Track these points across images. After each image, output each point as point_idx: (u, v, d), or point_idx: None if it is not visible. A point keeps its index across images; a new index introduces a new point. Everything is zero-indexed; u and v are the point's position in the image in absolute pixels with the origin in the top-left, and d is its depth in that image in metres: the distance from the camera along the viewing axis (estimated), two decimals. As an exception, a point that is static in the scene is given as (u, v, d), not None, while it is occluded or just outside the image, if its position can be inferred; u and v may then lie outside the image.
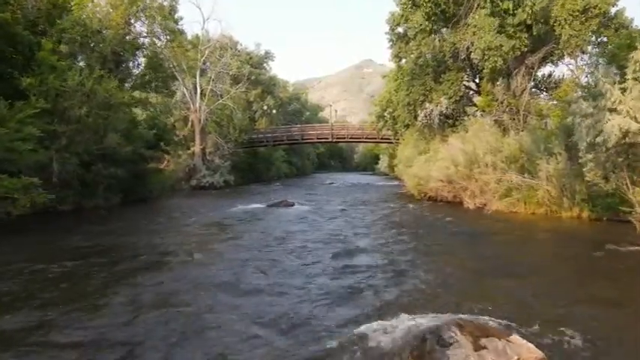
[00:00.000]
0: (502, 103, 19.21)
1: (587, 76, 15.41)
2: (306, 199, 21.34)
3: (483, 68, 22.02)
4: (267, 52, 48.56)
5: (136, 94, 24.79)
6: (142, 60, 20.72)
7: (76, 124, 14.14)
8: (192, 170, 29.53)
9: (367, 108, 37.74)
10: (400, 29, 25.04)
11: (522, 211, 13.84)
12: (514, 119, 19.41)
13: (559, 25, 17.52)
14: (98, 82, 14.55)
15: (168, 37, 22.12)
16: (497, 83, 19.59)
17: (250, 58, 45.96)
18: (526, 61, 18.27)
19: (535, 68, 18.52)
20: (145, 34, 20.62)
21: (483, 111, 21.60)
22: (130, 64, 19.64)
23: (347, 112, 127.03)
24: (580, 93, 13.25)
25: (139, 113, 22.17)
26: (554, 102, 19.28)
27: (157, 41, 21.46)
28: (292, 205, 17.42)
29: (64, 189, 14.68)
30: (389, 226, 12.26)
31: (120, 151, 16.64)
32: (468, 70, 24.00)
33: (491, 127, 17.75)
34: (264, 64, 48.88)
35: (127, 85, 19.55)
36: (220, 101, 31.41)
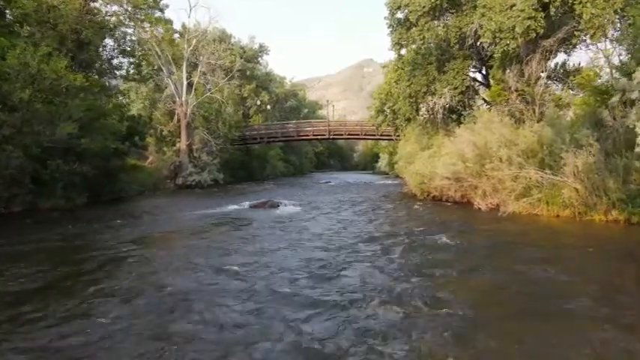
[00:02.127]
0: (515, 91, 17.15)
1: (619, 56, 13.34)
2: (297, 198, 19.30)
3: (492, 55, 20.07)
4: (261, 46, 46.50)
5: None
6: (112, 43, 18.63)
7: (21, 112, 12.11)
8: (177, 168, 27.49)
9: (367, 107, 35.63)
10: (401, 14, 23.10)
11: (544, 213, 11.79)
12: (527, 109, 17.43)
13: (579, 3, 15.51)
14: (45, 62, 12.47)
15: (138, 17, 20.00)
16: (509, 70, 17.50)
17: (244, 52, 43.96)
18: (544, 43, 16.20)
19: (553, 52, 16.43)
20: (111, 13, 18.46)
21: (489, 103, 19.60)
22: (97, 48, 17.37)
23: (347, 111, 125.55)
24: (615, 74, 11.26)
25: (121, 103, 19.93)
26: (573, 90, 17.29)
27: (125, 20, 19.29)
28: (277, 206, 15.36)
29: (10, 187, 12.67)
30: (387, 235, 9.97)
31: (84, 145, 14.63)
32: (475, 58, 21.94)
33: (504, 117, 15.71)
34: (259, 58, 46.87)
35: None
36: (207, 94, 29.35)
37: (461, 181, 15.14)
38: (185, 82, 28.18)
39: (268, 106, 43.45)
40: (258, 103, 41.56)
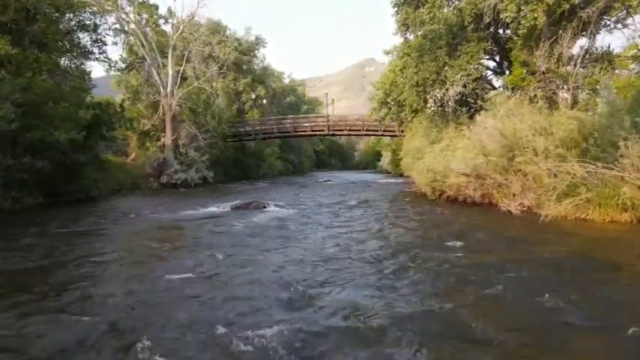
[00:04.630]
0: (545, 73, 14.68)
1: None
2: (290, 199, 16.88)
3: (511, 37, 17.76)
4: (258, 38, 43.98)
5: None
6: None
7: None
8: (162, 165, 25.01)
9: (368, 107, 33.36)
10: (407, -8, 20.69)
11: (595, 217, 9.32)
12: (555, 94, 15.02)
13: (621, -33, 13.13)
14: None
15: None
16: (537, 49, 15.01)
17: (239, 44, 41.55)
18: (580, 14, 13.72)
19: (592, 25, 13.93)
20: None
21: (512, 89, 17.15)
22: (49, 20, 14.60)
23: (348, 110, 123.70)
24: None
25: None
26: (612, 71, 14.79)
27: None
28: (264, 207, 12.90)
29: None
30: (395, 251, 7.26)
31: (34, 136, 12.21)
32: (491, 41, 19.48)
33: (536, 102, 13.27)
34: (255, 51, 44.39)
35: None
36: (195, 84, 26.87)
37: (482, 178, 12.70)
38: (171, 72, 25.74)
39: (264, 101, 40.97)
40: (254, 97, 39.06)
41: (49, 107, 12.55)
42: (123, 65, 27.20)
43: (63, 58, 16.10)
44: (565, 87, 14.41)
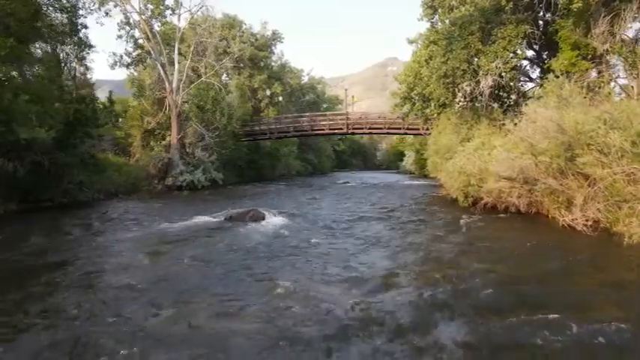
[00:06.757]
0: (606, 55, 12.12)
1: None
2: (297, 206, 14.71)
3: (554, 19, 15.34)
4: (274, 33, 42.19)
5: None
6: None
7: None
8: (166, 165, 23.30)
9: (391, 105, 31.02)
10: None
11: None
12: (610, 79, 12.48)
13: None
14: None
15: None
16: (597, 25, 12.43)
17: (255, 39, 39.83)
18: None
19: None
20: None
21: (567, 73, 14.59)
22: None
23: (371, 110, 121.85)
24: None
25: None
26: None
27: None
28: (262, 218, 10.77)
29: None
30: (437, 313, 4.60)
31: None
32: (531, 24, 16.96)
33: (596, 89, 10.78)
34: (272, 47, 42.56)
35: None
36: (202, 79, 25.05)
37: (530, 183, 10.31)
38: (177, 66, 24.01)
39: (280, 98, 39.02)
40: (269, 93, 37.15)
41: (6, 100, 10.72)
42: (128, 60, 25.62)
43: (36, 43, 14.20)
44: (632, 72, 11.81)
